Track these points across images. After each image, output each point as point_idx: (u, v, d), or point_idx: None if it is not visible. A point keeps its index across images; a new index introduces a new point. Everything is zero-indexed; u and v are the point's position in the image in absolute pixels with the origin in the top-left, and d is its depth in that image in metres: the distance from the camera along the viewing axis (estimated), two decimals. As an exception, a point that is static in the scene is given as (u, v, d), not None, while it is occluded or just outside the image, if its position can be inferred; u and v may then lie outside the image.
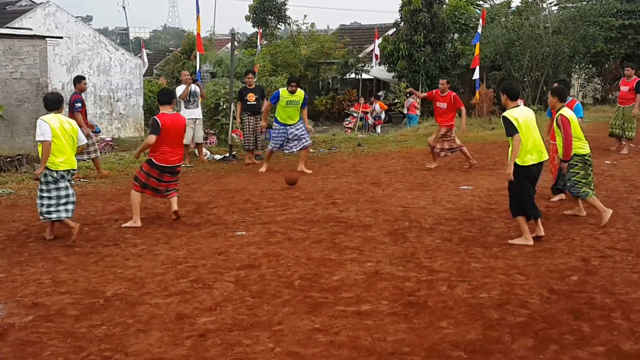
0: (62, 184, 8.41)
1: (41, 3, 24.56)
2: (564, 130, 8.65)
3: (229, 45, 42.83)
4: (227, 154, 15.80)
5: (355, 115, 28.10)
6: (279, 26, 39.95)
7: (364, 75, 33.33)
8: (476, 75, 22.32)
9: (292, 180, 12.11)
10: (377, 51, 30.10)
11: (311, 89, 33.36)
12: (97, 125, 23.79)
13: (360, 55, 35.04)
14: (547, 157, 8.25)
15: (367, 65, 33.07)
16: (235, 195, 11.34)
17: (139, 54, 30.66)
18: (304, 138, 13.46)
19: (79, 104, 13.04)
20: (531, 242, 7.96)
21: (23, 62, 18.05)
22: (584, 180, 8.94)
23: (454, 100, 13.49)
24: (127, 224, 9.22)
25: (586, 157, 9.01)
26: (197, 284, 6.78)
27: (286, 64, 30.88)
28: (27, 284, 6.87)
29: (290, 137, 13.40)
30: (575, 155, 8.82)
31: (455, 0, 32.98)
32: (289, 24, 39.21)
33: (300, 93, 13.30)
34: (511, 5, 35.06)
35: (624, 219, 9.21)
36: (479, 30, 20.53)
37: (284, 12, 39.23)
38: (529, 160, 7.91)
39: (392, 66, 31.79)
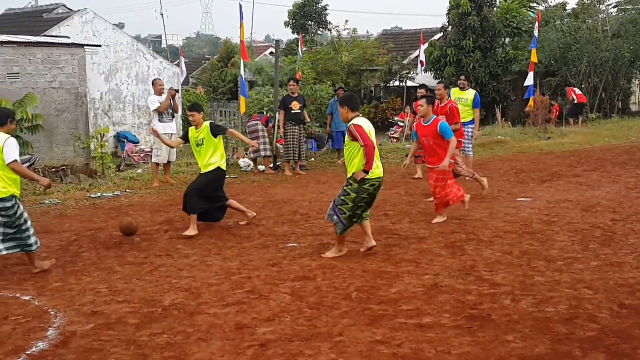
0: None
1: (78, 10, 25.05)
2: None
3: (267, 52, 43.30)
4: (272, 165, 16.11)
5: (402, 124, 28.21)
6: (319, 32, 40.15)
7: (409, 83, 33.27)
8: (529, 82, 22.03)
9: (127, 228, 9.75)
10: (422, 57, 30.08)
11: (353, 98, 33.42)
12: (135, 136, 24.38)
13: (405, 62, 34.89)
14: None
15: (412, 72, 33.00)
16: (283, 207, 11.60)
17: (176, 62, 31.04)
18: None
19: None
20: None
21: (62, 71, 18.46)
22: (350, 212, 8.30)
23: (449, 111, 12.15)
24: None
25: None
26: (253, 294, 7.04)
27: (327, 71, 31.03)
28: (84, 293, 7.23)
29: None
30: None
31: (506, 3, 32.83)
32: (330, 30, 39.41)
33: None
34: (567, 8, 34.76)
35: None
36: (535, 33, 20.34)
37: (325, 17, 39.42)
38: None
39: (439, 73, 31.75)
